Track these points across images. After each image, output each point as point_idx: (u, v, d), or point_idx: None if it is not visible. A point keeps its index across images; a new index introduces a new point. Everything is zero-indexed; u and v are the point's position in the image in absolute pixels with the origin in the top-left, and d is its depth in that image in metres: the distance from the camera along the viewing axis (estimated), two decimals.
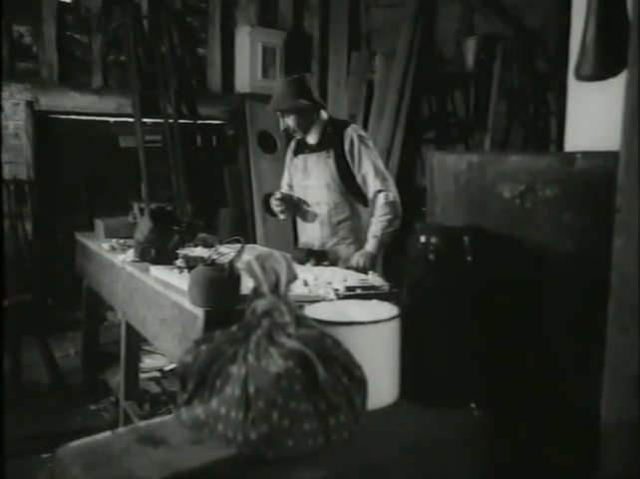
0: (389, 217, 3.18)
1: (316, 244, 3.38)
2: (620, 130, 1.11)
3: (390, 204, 3.19)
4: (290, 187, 3.61)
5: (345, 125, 3.37)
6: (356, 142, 3.24)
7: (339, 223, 3.33)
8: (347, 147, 3.25)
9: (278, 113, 3.39)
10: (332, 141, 3.29)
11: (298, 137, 3.44)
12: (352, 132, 3.28)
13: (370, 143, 3.34)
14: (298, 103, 3.27)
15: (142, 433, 1.17)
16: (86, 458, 1.09)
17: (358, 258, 3.19)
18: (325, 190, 3.32)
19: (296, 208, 3.48)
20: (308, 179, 3.40)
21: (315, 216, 3.38)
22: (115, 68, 5.85)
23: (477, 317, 1.35)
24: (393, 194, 3.22)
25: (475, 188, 1.48)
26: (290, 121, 3.33)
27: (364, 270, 3.03)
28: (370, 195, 3.26)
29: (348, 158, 3.25)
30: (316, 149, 3.35)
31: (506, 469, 1.36)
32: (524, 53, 5.48)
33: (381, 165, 3.31)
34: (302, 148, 3.45)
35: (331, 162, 3.28)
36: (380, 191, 3.21)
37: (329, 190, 3.31)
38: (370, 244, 3.20)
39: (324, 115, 3.39)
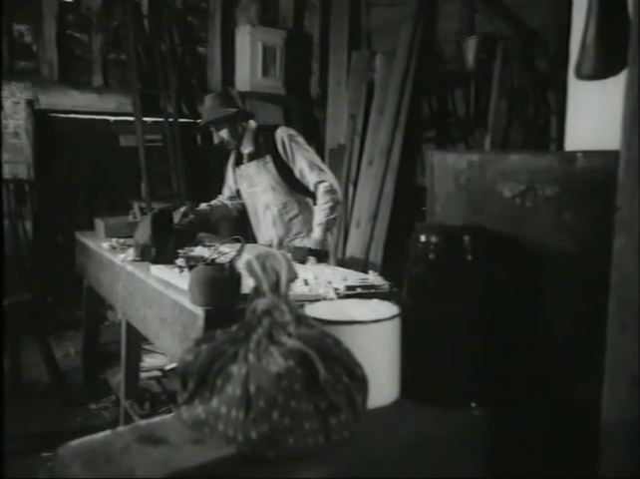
0: (330, 204, 3.38)
1: (275, 243, 3.61)
2: (620, 129, 1.11)
3: (329, 192, 3.40)
4: (232, 199, 3.85)
5: (274, 128, 3.56)
6: (287, 141, 3.45)
7: (290, 220, 3.59)
8: (280, 148, 3.46)
9: (212, 128, 3.57)
10: (266, 147, 3.50)
11: (232, 148, 3.64)
12: (281, 133, 3.48)
13: (300, 139, 3.53)
14: (226, 112, 3.47)
15: (142, 432, 1.17)
16: (86, 457, 1.09)
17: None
18: (271, 192, 3.55)
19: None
20: (254, 186, 3.62)
21: (267, 218, 3.62)
22: (115, 67, 5.84)
23: (477, 317, 1.35)
24: (330, 182, 3.43)
25: (475, 187, 1.48)
26: (224, 133, 3.54)
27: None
28: (310, 187, 3.46)
29: (284, 158, 3.46)
30: (254, 157, 3.56)
31: (506, 469, 1.36)
32: (525, 52, 5.48)
33: (314, 158, 3.51)
34: (240, 159, 3.66)
35: (271, 166, 3.50)
36: (319, 182, 3.41)
37: (275, 192, 3.54)
38: (316, 232, 3.41)
39: (253, 124, 3.60)
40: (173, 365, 3.88)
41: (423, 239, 1.37)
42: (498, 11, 5.56)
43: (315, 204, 3.51)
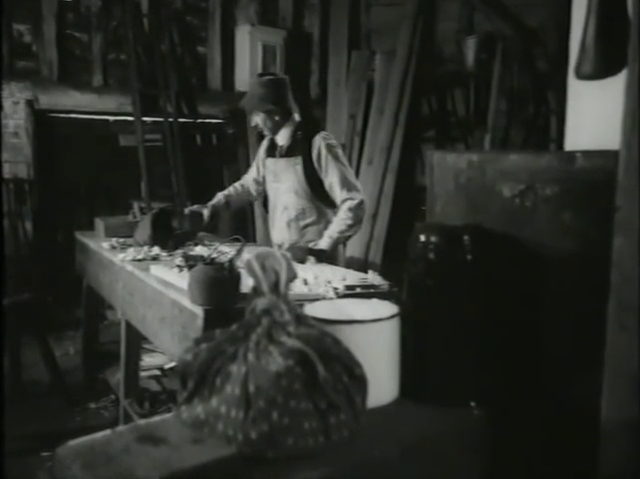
0: (349, 222, 3.25)
1: (285, 246, 3.45)
2: (620, 129, 1.11)
3: (353, 210, 3.25)
4: (257, 182, 3.71)
5: (314, 132, 3.40)
6: (323, 151, 3.29)
7: (306, 226, 3.43)
8: (315, 155, 3.30)
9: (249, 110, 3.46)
10: (301, 147, 3.35)
11: (268, 135, 3.50)
12: (320, 140, 3.31)
13: (338, 151, 3.38)
14: (265, 106, 3.33)
15: (142, 432, 1.17)
16: (86, 457, 1.09)
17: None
18: (293, 195, 3.40)
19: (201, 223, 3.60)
20: (279, 182, 3.47)
21: (282, 219, 3.48)
22: (115, 67, 5.84)
23: (476, 316, 1.35)
24: (358, 200, 3.27)
25: (474, 187, 1.48)
26: (259, 119, 3.39)
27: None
28: (337, 202, 3.33)
29: (316, 165, 3.31)
30: (286, 154, 3.41)
31: (506, 468, 1.36)
32: (524, 52, 5.49)
33: (348, 172, 3.35)
34: (273, 150, 3.52)
35: (299, 168, 3.35)
36: (346, 199, 3.27)
37: (297, 195, 3.39)
38: (324, 242, 3.27)
39: (296, 117, 3.44)
40: (173, 364, 3.89)
41: (422, 238, 1.37)
42: (498, 11, 5.56)
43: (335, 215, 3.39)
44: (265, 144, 3.63)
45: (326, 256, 3.21)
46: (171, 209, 3.79)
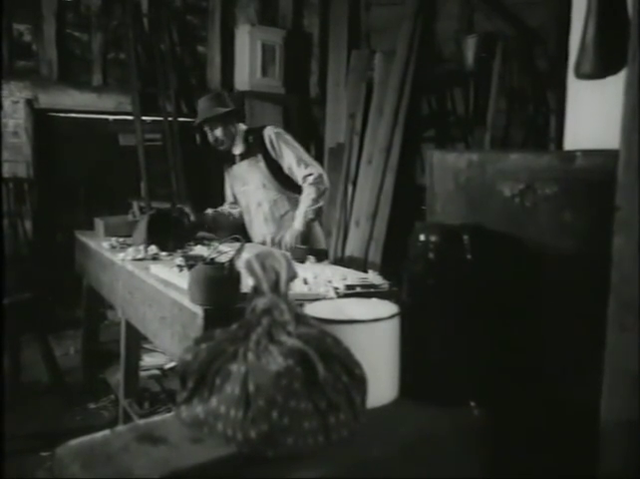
0: (313, 196, 3.55)
1: (267, 240, 3.73)
2: (620, 128, 1.11)
3: (313, 184, 3.55)
4: (233, 205, 4.02)
5: (262, 128, 3.72)
6: (274, 139, 3.62)
7: (281, 216, 3.73)
8: (268, 146, 3.62)
9: (206, 128, 3.73)
10: (257, 146, 3.66)
11: (226, 148, 3.76)
12: (269, 132, 3.66)
13: (287, 136, 3.70)
14: (215, 111, 3.65)
15: (141, 431, 1.17)
16: (85, 456, 1.09)
17: (287, 237, 3.56)
18: (263, 190, 3.70)
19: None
20: (246, 184, 3.77)
21: (258, 215, 3.77)
22: (114, 66, 5.84)
23: (476, 316, 1.35)
24: (316, 174, 3.56)
25: (474, 186, 1.48)
26: (218, 132, 3.69)
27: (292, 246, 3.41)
28: (299, 181, 3.61)
29: (272, 154, 3.62)
30: (245, 157, 3.72)
31: (506, 468, 1.35)
32: (524, 51, 5.49)
33: (301, 153, 3.66)
34: (232, 160, 3.82)
35: (262, 164, 3.65)
36: (306, 176, 3.57)
37: (266, 189, 3.69)
38: (297, 222, 3.56)
39: (243, 127, 3.78)
40: (173, 364, 3.89)
41: (422, 238, 1.37)
42: (498, 10, 5.56)
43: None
44: (229, 164, 3.91)
45: (304, 235, 3.51)
46: (169, 209, 3.80)
